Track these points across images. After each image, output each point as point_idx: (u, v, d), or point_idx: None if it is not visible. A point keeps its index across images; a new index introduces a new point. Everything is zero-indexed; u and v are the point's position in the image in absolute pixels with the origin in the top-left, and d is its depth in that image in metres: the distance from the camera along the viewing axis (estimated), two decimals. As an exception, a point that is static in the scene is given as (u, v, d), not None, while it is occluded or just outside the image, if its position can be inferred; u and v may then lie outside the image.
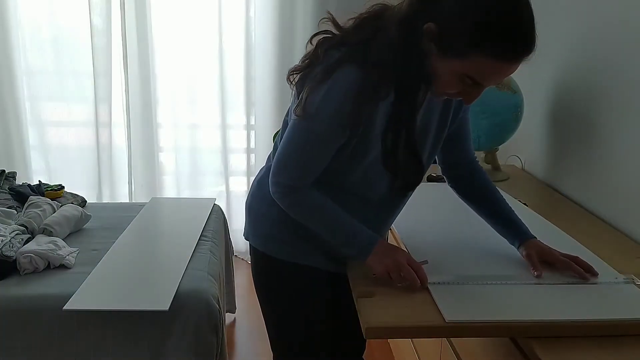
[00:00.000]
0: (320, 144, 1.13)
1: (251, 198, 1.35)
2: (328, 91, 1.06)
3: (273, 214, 1.26)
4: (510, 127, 2.10)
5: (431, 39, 1.00)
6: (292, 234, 1.26)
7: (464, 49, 0.98)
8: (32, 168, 3.36)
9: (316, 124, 1.09)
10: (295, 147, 1.14)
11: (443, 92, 1.09)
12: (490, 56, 0.97)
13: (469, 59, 0.98)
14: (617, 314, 1.05)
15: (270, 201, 1.23)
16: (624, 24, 1.64)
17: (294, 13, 3.12)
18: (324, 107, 1.07)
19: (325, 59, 1.09)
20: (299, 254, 1.28)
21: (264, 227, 1.31)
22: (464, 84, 1.03)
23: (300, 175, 1.16)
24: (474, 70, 1.00)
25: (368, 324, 1.03)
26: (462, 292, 1.13)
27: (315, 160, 1.15)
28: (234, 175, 3.48)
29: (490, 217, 1.37)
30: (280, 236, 1.28)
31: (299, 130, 1.13)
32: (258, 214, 1.32)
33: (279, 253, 1.29)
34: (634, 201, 1.58)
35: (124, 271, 2.02)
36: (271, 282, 1.35)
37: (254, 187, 1.36)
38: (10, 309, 1.79)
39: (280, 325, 1.37)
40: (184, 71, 3.30)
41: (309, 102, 1.07)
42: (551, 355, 0.97)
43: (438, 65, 1.03)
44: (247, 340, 2.59)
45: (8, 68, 3.15)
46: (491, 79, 1.03)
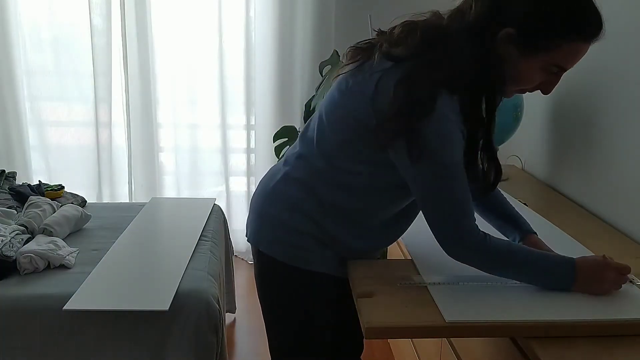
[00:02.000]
0: (461, 176, 1.09)
1: (265, 204, 1.29)
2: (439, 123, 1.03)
3: (292, 221, 1.23)
4: (510, 127, 2.10)
5: (510, 43, 1.04)
6: (310, 241, 1.23)
7: (552, 41, 1.03)
8: (32, 168, 3.36)
9: (446, 159, 1.06)
10: (448, 193, 1.08)
11: (522, 89, 1.13)
12: (576, 40, 1.04)
13: (556, 49, 1.04)
14: (616, 314, 1.05)
15: (287, 207, 1.22)
16: (624, 24, 1.64)
17: (294, 13, 3.12)
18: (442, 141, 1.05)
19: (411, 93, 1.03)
20: (316, 261, 1.25)
21: (281, 234, 1.26)
22: (548, 74, 1.08)
23: (471, 219, 1.10)
24: (562, 58, 1.06)
25: (368, 324, 1.03)
26: (462, 292, 1.13)
27: (467, 191, 1.10)
28: (234, 175, 3.48)
29: (489, 212, 1.37)
30: (297, 243, 1.24)
31: (435, 175, 1.07)
32: (273, 220, 1.26)
33: (296, 260, 1.25)
34: (634, 201, 1.58)
35: (124, 271, 2.02)
36: (282, 289, 1.31)
37: (268, 192, 1.29)
38: (10, 309, 1.78)
39: (284, 330, 1.35)
40: (184, 71, 3.30)
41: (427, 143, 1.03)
42: (551, 355, 0.97)
43: (521, 66, 1.06)
44: (247, 340, 2.59)
45: (8, 68, 3.15)
46: (575, 61, 1.08)
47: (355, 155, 1.16)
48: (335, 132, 1.17)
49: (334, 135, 1.17)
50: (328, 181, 1.19)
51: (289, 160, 1.28)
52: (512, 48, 1.04)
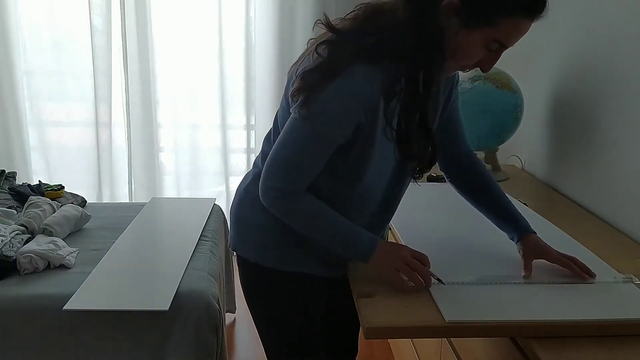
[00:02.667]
0: (322, 146, 1.09)
1: (238, 207, 1.29)
2: (336, 90, 1.02)
3: (265, 222, 1.21)
4: (510, 127, 2.10)
5: (454, 14, 1.01)
6: (285, 241, 1.22)
7: (494, 15, 1.01)
8: (32, 168, 3.36)
9: (320, 124, 1.05)
10: (294, 149, 1.10)
11: (462, 65, 1.10)
12: (519, 16, 1.01)
13: (498, 24, 1.01)
14: (616, 314, 1.05)
15: (260, 208, 1.18)
16: (623, 24, 1.64)
17: (294, 13, 3.12)
18: (332, 106, 1.04)
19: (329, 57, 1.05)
20: (293, 261, 1.24)
21: (256, 236, 1.25)
22: (489, 50, 1.05)
23: (297, 179, 1.12)
24: (502, 34, 1.03)
25: (368, 324, 1.03)
26: (462, 292, 1.13)
27: (315, 163, 1.11)
28: (234, 175, 3.48)
29: (488, 210, 1.35)
30: (273, 244, 1.24)
31: (300, 131, 1.08)
32: (248, 223, 1.26)
33: (273, 262, 1.24)
34: (634, 201, 1.58)
35: (124, 271, 2.01)
36: (265, 292, 1.30)
37: (240, 195, 1.29)
38: (10, 309, 1.78)
39: (275, 333, 1.34)
40: (184, 71, 3.30)
41: (314, 101, 1.03)
42: (551, 355, 0.96)
43: (462, 39, 1.03)
44: (247, 340, 2.59)
45: (8, 68, 3.15)
46: (516, 38, 1.05)
47: None
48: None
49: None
50: None
51: (256, 162, 1.29)
52: (454, 20, 1.02)
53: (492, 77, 2.02)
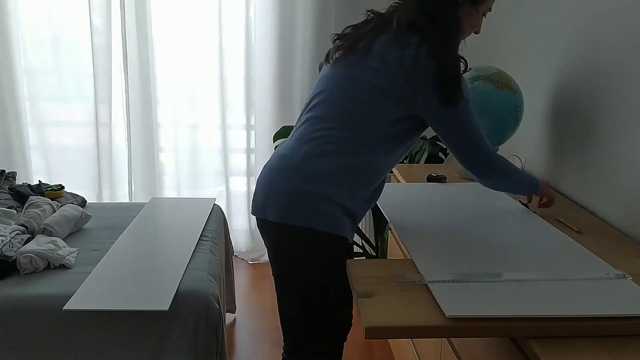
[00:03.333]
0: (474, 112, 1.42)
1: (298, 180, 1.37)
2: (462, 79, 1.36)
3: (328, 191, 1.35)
4: (510, 127, 2.09)
5: (465, 2, 1.40)
6: (338, 208, 1.36)
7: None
8: (32, 168, 3.36)
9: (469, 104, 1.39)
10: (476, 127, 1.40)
11: (466, 35, 1.47)
12: None
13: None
14: (614, 310, 1.06)
15: (322, 180, 1.35)
16: (623, 24, 1.64)
17: (294, 13, 3.12)
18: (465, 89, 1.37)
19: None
20: (342, 228, 1.38)
21: (319, 204, 1.35)
22: (482, 16, 1.47)
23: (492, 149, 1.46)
24: (490, 3, 1.46)
25: (368, 324, 1.03)
26: (462, 290, 1.13)
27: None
28: (234, 175, 3.48)
29: None
30: (332, 211, 1.35)
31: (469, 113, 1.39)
32: (309, 192, 1.35)
33: (329, 227, 1.35)
34: (634, 201, 1.58)
35: (124, 271, 2.02)
36: (311, 255, 1.39)
37: (293, 169, 1.38)
38: (10, 309, 1.79)
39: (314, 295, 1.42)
40: (184, 71, 3.30)
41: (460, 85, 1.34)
42: (551, 355, 0.97)
43: (473, 15, 1.43)
44: (247, 340, 2.59)
45: (8, 68, 3.16)
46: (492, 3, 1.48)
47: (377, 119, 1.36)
48: (353, 103, 1.37)
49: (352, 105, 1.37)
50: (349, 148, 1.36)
51: (306, 139, 1.41)
52: (466, 5, 1.41)
53: (492, 77, 2.02)
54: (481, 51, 2.68)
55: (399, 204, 1.45)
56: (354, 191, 1.38)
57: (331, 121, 1.39)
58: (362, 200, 1.42)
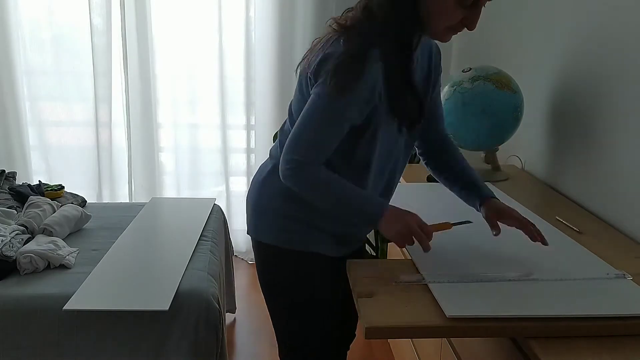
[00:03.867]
0: (339, 123, 1.18)
1: (259, 196, 1.37)
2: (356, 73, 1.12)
3: (285, 208, 1.30)
4: (510, 127, 2.09)
5: None
6: (304, 224, 1.31)
7: None
8: (32, 168, 3.36)
9: (339, 102, 1.14)
10: (314, 124, 1.17)
11: (448, 26, 1.16)
12: None
13: None
14: (614, 309, 1.06)
15: (280, 196, 1.29)
16: (623, 24, 1.64)
17: (294, 13, 3.12)
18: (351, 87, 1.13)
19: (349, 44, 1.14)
20: (309, 242, 1.32)
21: (276, 222, 1.33)
22: (464, 7, 1.12)
23: (313, 153, 1.19)
24: None
25: (368, 324, 1.03)
26: (463, 290, 1.14)
27: (331, 139, 1.19)
28: (234, 175, 3.48)
29: (453, 183, 1.43)
30: (293, 228, 1.31)
31: (320, 108, 1.16)
32: (269, 210, 1.34)
33: (291, 243, 1.32)
34: (633, 201, 1.58)
35: (124, 271, 2.02)
36: (282, 272, 1.36)
37: (259, 186, 1.37)
38: (10, 309, 1.79)
39: (290, 314, 1.39)
40: (184, 71, 3.30)
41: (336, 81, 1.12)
42: (551, 355, 0.97)
43: (436, 2, 1.12)
44: (247, 340, 2.58)
45: (8, 68, 3.16)
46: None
47: None
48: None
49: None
50: None
51: (273, 154, 1.37)
52: None
53: (492, 77, 2.02)
54: (481, 51, 2.68)
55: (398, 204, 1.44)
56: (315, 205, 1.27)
57: (283, 134, 1.34)
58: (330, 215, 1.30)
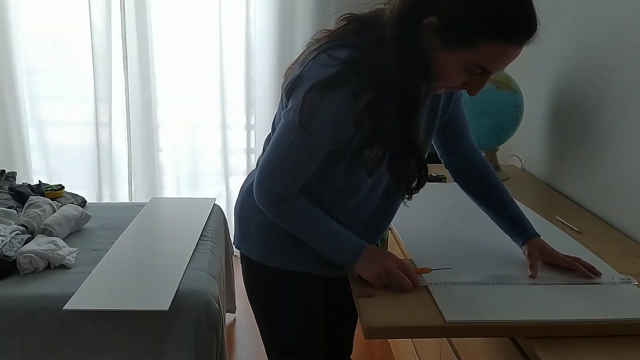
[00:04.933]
0: (312, 153, 1.09)
1: (241, 207, 1.30)
2: (329, 103, 1.01)
3: (266, 222, 1.21)
4: (510, 127, 2.10)
5: (434, 34, 0.97)
6: (286, 241, 1.22)
7: (473, 38, 0.96)
8: (32, 168, 3.36)
9: (311, 134, 1.04)
10: (284, 155, 1.10)
11: (447, 86, 1.07)
12: (500, 42, 0.96)
13: (478, 48, 0.96)
14: (616, 314, 1.06)
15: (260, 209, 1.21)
16: (623, 25, 1.64)
17: (294, 13, 3.12)
18: (323, 118, 1.02)
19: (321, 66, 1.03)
20: (293, 261, 1.25)
21: (257, 236, 1.26)
22: (471, 74, 1.02)
23: (288, 183, 1.12)
24: (483, 58, 0.98)
25: (368, 324, 1.03)
26: (463, 292, 1.13)
27: (305, 169, 1.11)
28: (234, 175, 3.48)
29: (493, 213, 1.34)
30: (274, 244, 1.25)
31: (290, 138, 1.06)
32: (250, 222, 1.27)
33: (274, 261, 1.25)
34: (634, 201, 1.58)
35: (124, 271, 2.02)
36: (267, 291, 1.31)
37: (243, 195, 1.30)
38: (10, 309, 1.78)
39: (275, 331, 1.35)
40: (184, 71, 3.30)
41: (307, 111, 1.01)
42: (551, 355, 0.96)
43: (443, 60, 1.00)
44: (247, 340, 2.58)
45: (8, 68, 3.16)
46: (500, 64, 1.01)
47: None
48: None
49: None
50: None
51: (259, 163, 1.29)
52: (435, 40, 0.98)
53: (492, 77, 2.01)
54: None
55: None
56: None
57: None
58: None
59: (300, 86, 1.03)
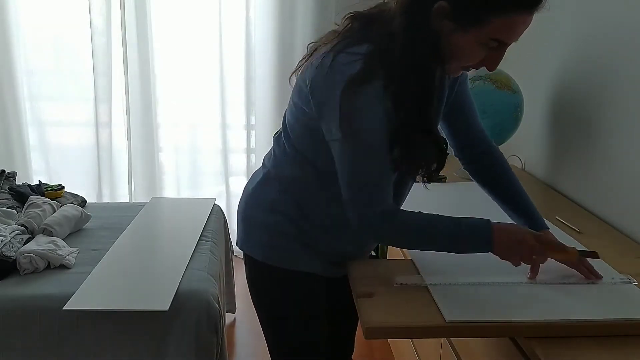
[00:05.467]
0: (380, 151, 1.06)
1: (246, 207, 1.30)
2: (365, 98, 1.02)
3: (272, 222, 1.23)
4: (510, 127, 2.10)
5: (444, 17, 1.00)
6: (291, 242, 1.24)
7: (485, 14, 0.98)
8: (32, 168, 3.37)
9: (367, 135, 1.04)
10: (362, 168, 1.07)
11: (465, 65, 1.08)
12: (512, 12, 0.98)
13: (492, 23, 0.98)
14: (616, 314, 1.05)
15: (268, 209, 1.23)
16: (623, 24, 1.64)
17: (294, 13, 3.12)
18: (367, 113, 1.03)
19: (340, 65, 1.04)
20: (298, 261, 1.25)
21: (263, 236, 1.26)
22: (488, 48, 1.03)
23: (384, 195, 1.09)
24: (498, 31, 1.00)
25: (368, 324, 1.03)
26: (463, 292, 1.13)
27: (386, 170, 1.09)
28: (234, 175, 3.48)
29: (503, 202, 1.35)
30: (279, 244, 1.25)
31: (353, 151, 1.06)
32: (255, 222, 1.28)
33: (279, 261, 1.26)
34: (633, 201, 1.58)
35: (124, 271, 2.02)
36: (270, 290, 1.32)
37: (247, 196, 1.31)
38: (10, 309, 1.78)
39: (279, 331, 1.35)
40: (184, 71, 3.30)
41: (349, 115, 1.02)
42: (551, 355, 0.96)
43: (458, 41, 1.02)
44: (247, 340, 2.59)
45: (8, 68, 3.16)
46: (515, 34, 1.02)
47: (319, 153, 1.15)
48: (297, 132, 1.18)
49: (297, 135, 1.19)
50: (300, 181, 1.21)
51: (266, 163, 1.31)
52: (446, 23, 1.00)
53: (492, 77, 2.02)
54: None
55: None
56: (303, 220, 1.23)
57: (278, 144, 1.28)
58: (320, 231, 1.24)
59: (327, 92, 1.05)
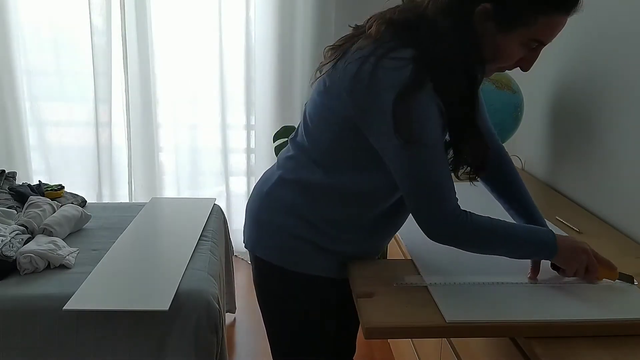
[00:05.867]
0: (441, 155, 1.08)
1: (260, 209, 1.28)
2: (419, 104, 1.02)
3: (289, 225, 1.22)
4: (510, 127, 2.10)
5: (488, 19, 1.02)
6: (309, 244, 1.23)
7: (530, 16, 1.01)
8: (32, 168, 3.37)
9: (426, 138, 1.04)
10: (428, 176, 1.07)
11: (501, 66, 1.11)
12: (554, 13, 1.02)
13: (534, 24, 1.02)
14: (616, 314, 1.06)
15: (285, 212, 1.22)
16: (623, 25, 1.64)
17: (294, 13, 3.12)
18: (424, 120, 1.03)
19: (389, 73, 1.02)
20: (315, 264, 1.24)
21: (279, 240, 1.25)
22: (528, 49, 1.07)
23: (452, 198, 1.09)
24: (540, 32, 1.04)
25: (368, 324, 1.03)
26: (463, 293, 1.13)
27: (448, 174, 1.10)
28: (234, 175, 3.49)
29: (510, 209, 1.36)
30: (297, 248, 1.24)
31: (416, 160, 1.06)
32: (271, 226, 1.26)
33: (295, 265, 1.24)
34: (634, 201, 1.58)
35: (124, 271, 2.02)
36: (281, 293, 1.30)
37: (262, 198, 1.28)
38: (10, 309, 1.78)
39: (284, 332, 1.35)
40: (184, 71, 3.30)
41: (405, 122, 1.02)
42: (551, 355, 0.97)
43: (501, 41, 1.05)
44: (247, 340, 2.59)
45: (8, 68, 3.16)
46: (554, 35, 1.06)
47: (345, 156, 1.16)
48: (322, 135, 1.17)
49: (321, 137, 1.17)
50: (321, 185, 1.19)
51: (282, 164, 1.28)
52: (490, 24, 1.03)
53: (492, 77, 2.02)
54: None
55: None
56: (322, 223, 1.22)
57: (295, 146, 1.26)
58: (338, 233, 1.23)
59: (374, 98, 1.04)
